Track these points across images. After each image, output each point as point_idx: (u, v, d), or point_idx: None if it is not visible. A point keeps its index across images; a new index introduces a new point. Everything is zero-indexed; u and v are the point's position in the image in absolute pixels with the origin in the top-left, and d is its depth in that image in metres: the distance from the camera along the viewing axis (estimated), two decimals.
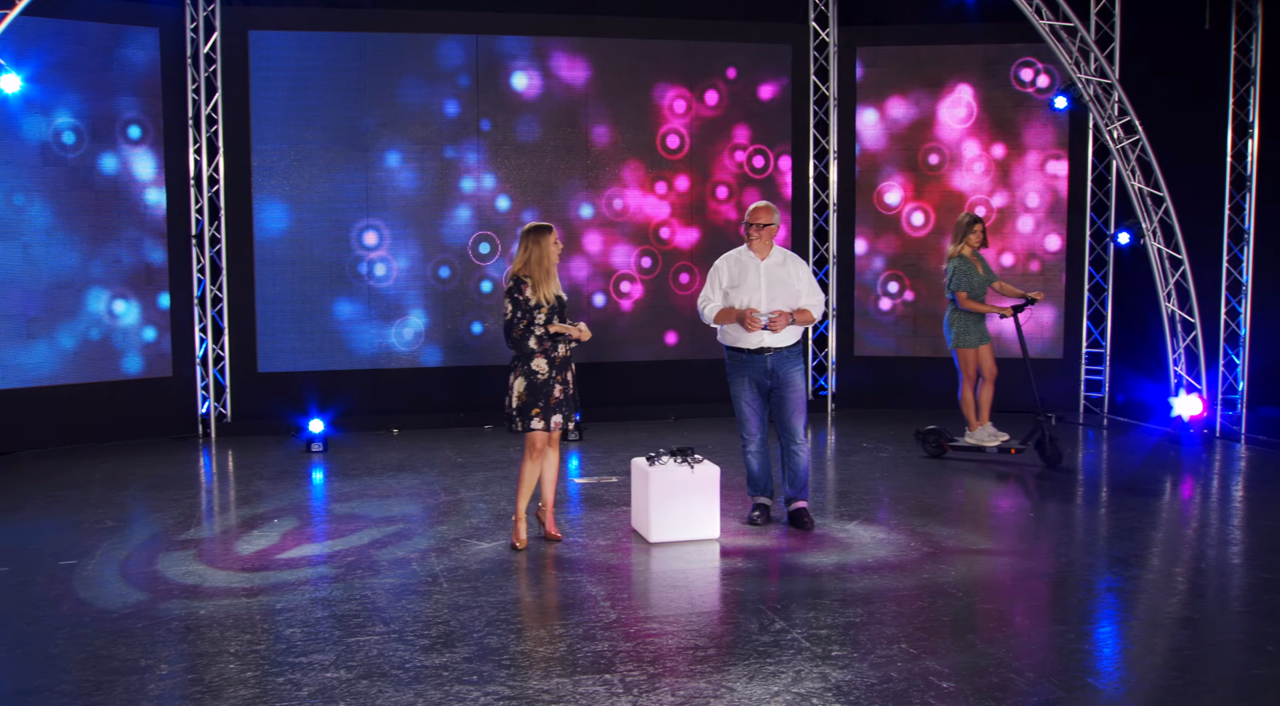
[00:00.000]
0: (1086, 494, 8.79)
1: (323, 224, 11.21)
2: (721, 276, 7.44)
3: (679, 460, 7.17)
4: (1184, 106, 11.16)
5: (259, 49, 10.91)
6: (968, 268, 9.49)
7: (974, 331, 9.63)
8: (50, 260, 10.19)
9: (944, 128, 12.11)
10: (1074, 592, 6.15)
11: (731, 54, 11.97)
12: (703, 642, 5.33)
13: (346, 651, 5.25)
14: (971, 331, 9.62)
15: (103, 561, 6.76)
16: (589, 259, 11.84)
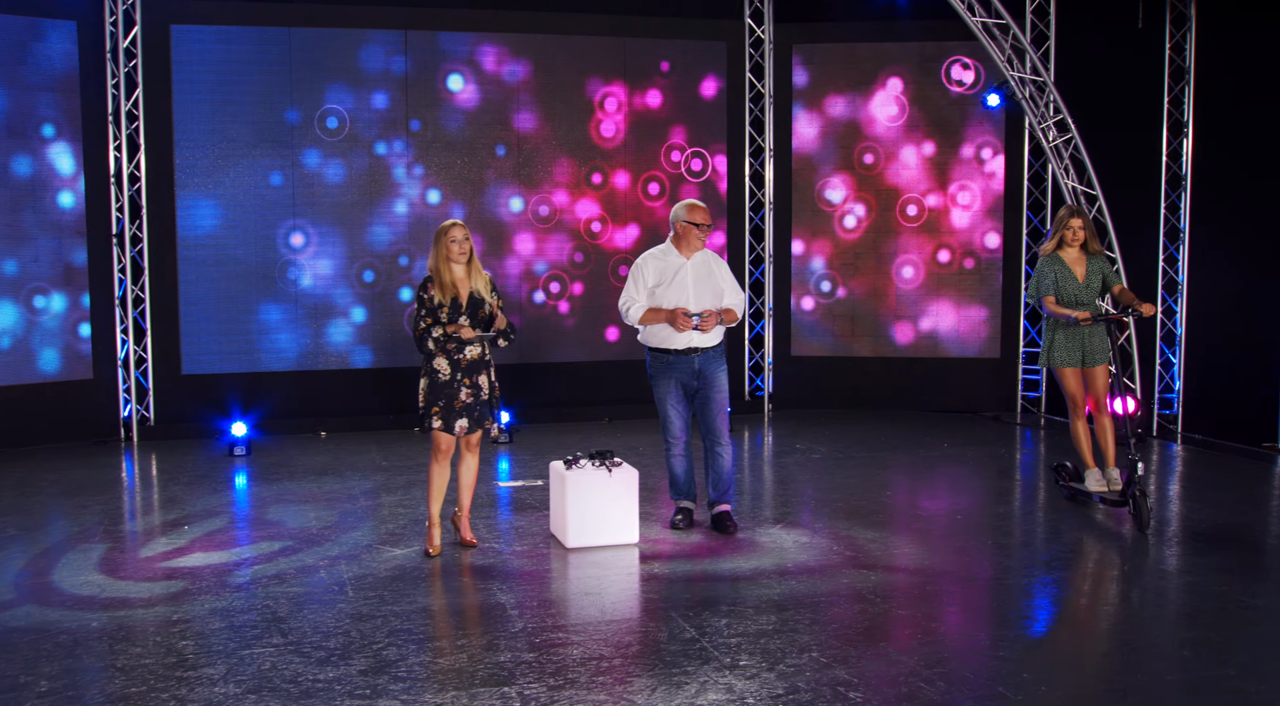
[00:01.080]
0: (1021, 496, 8.74)
1: (248, 223, 10.96)
2: (646, 275, 7.29)
3: (597, 463, 7.02)
4: (1119, 105, 11.15)
5: (181, 43, 10.64)
6: (1049, 268, 7.82)
7: (1064, 346, 7.84)
8: None
9: (880, 125, 12.04)
10: (997, 598, 6.06)
11: (667, 50, 11.83)
12: (608, 652, 5.18)
13: (239, 664, 5.06)
14: (1060, 345, 7.85)
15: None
16: (522, 257, 11.65)
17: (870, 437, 10.69)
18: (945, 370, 12.10)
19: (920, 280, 12.08)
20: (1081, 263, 7.83)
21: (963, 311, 12.06)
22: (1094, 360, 7.81)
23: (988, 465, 9.60)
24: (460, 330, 6.55)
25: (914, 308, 12.10)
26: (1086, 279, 7.80)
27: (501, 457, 9.92)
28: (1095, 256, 7.82)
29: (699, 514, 7.55)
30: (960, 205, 11.99)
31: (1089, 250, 7.80)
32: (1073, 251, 7.83)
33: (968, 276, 12.03)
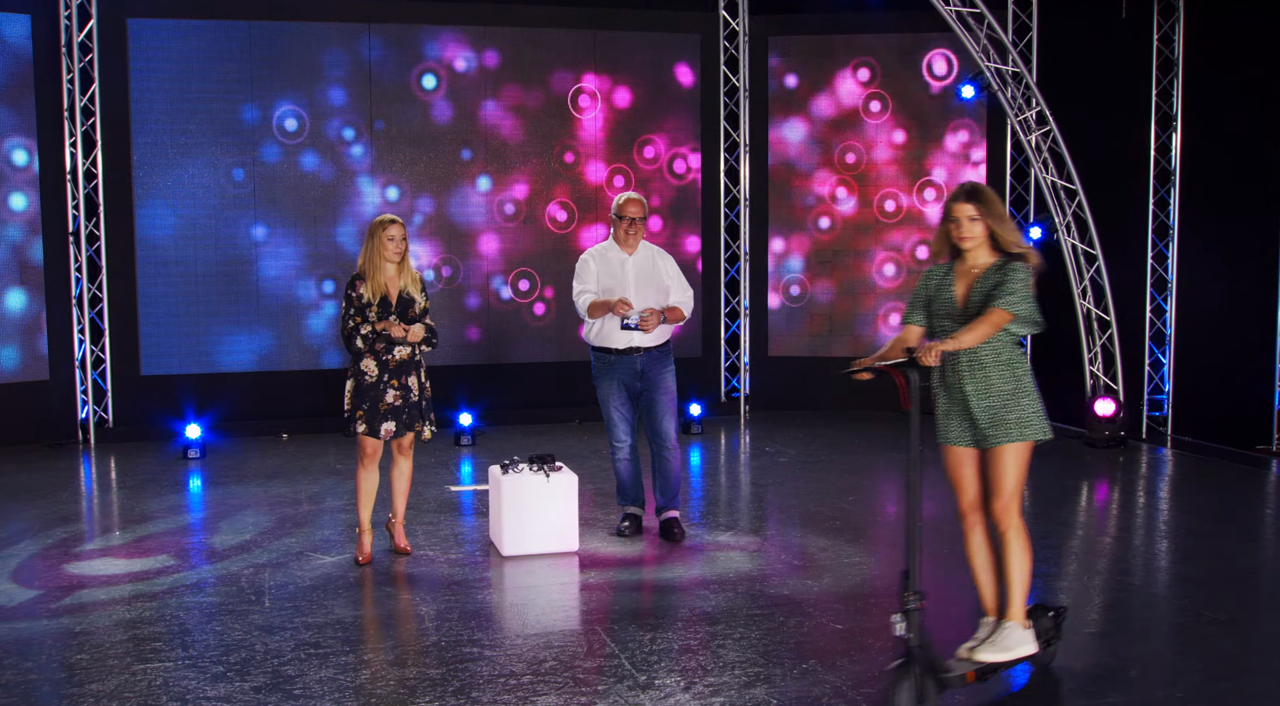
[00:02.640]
0: None
1: (208, 221, 10.72)
2: (589, 269, 7.03)
3: (535, 468, 6.75)
4: (1105, 98, 10.82)
5: (138, 37, 10.41)
6: (921, 283, 5.17)
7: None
8: None
9: (858, 119, 11.73)
10: (938, 613, 5.75)
11: (638, 43, 11.55)
12: (520, 669, 4.91)
13: (130, 680, 4.81)
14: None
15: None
16: (489, 256, 11.39)
17: (844, 440, 10.39)
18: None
19: (901, 279, 11.77)
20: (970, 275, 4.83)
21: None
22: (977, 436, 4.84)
23: None
24: (390, 328, 6.29)
25: (893, 306, 11.79)
26: (967, 299, 4.82)
27: (464, 461, 9.67)
28: (998, 264, 4.75)
29: (649, 520, 7.27)
30: (940, 201, 11.68)
31: (1000, 247, 4.76)
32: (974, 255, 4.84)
33: None
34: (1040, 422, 4.70)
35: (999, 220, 4.76)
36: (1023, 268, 4.68)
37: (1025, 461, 4.69)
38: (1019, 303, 4.59)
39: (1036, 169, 10.16)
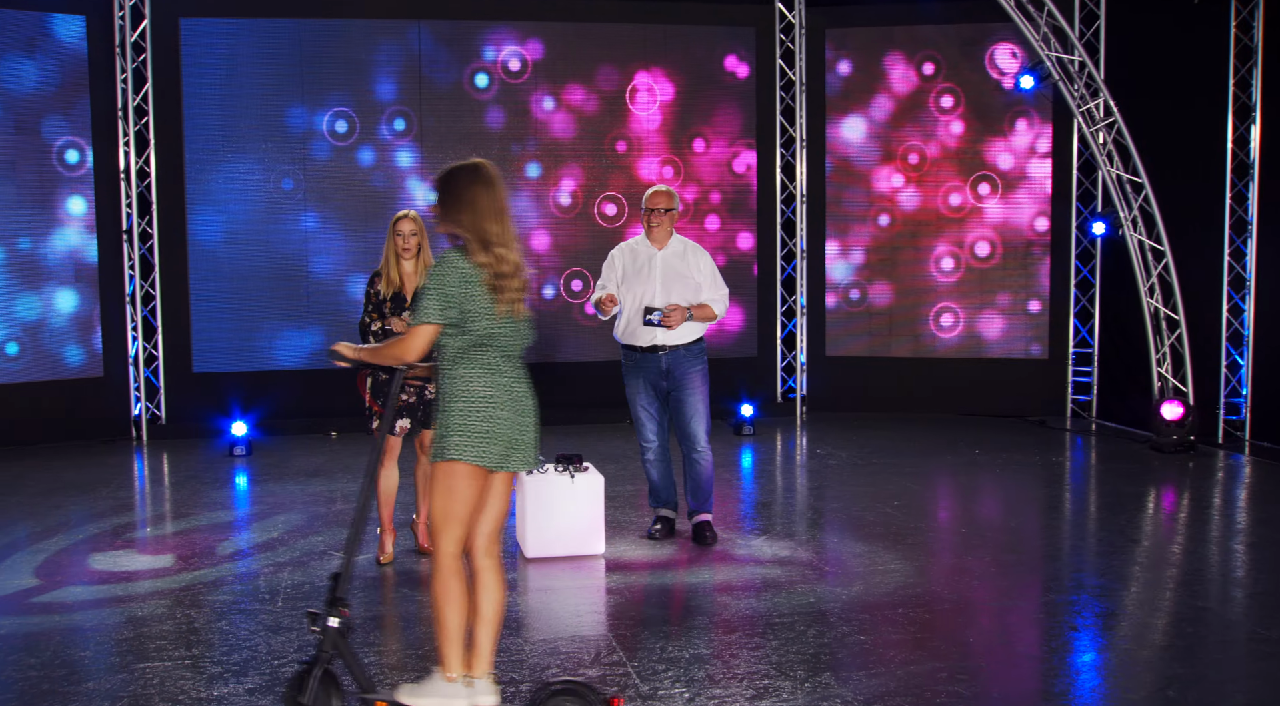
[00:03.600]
0: (1042, 509, 8.10)
1: (260, 218, 10.75)
2: (615, 266, 6.85)
3: (560, 468, 6.58)
4: (1178, 88, 10.32)
5: (190, 37, 10.48)
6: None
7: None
8: None
9: (918, 112, 11.38)
10: (969, 626, 5.47)
11: (692, 36, 11.34)
12: (520, 675, 4.74)
13: (129, 679, 4.74)
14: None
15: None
16: (541, 254, 11.27)
17: (898, 443, 10.07)
18: (989, 371, 11.40)
19: (962, 276, 11.40)
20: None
21: (1008, 309, 11.35)
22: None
23: (1018, 474, 8.93)
24: (394, 323, 6.19)
25: (955, 305, 11.43)
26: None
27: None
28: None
29: (683, 523, 7.06)
30: (1005, 196, 11.28)
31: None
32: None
33: (1013, 272, 11.31)
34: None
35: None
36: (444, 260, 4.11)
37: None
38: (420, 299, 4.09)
39: (1100, 162, 9.74)
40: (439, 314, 4.02)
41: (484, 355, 4.07)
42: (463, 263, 4.06)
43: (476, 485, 4.07)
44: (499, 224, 4.09)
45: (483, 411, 4.03)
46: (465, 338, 4.06)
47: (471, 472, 4.04)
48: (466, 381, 4.05)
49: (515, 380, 4.14)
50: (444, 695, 4.09)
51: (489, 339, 4.07)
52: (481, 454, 4.02)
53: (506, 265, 4.08)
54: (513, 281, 4.12)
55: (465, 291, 4.04)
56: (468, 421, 4.02)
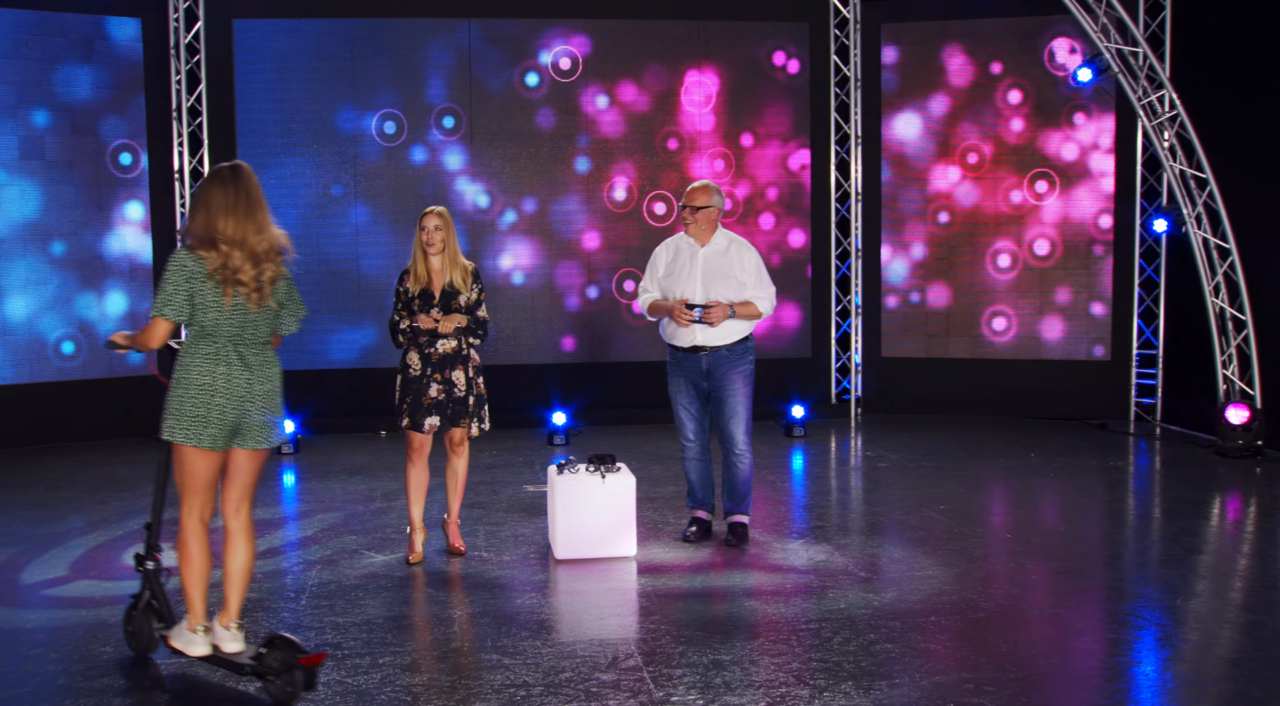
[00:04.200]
0: (1094, 516, 7.84)
1: (311, 218, 10.80)
2: (658, 264, 6.74)
3: (591, 468, 6.48)
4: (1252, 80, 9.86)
5: (243, 38, 10.56)
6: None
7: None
8: (29, 255, 10.00)
9: (975, 107, 11.09)
10: (1002, 638, 5.26)
11: (744, 32, 11.18)
12: (534, 680, 4.65)
13: (142, 674, 4.76)
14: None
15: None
16: (592, 252, 11.19)
17: (952, 445, 9.83)
18: (1049, 373, 11.08)
19: (1021, 276, 11.11)
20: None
21: (1068, 309, 11.03)
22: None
23: (1073, 479, 8.65)
24: (420, 321, 6.14)
25: (1015, 305, 11.14)
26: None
27: (556, 460, 9.45)
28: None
29: (719, 524, 6.93)
30: (1065, 193, 10.96)
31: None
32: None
33: (1074, 272, 10.99)
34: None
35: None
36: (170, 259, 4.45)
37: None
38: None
39: (1163, 157, 9.42)
40: (162, 308, 4.38)
41: (210, 345, 4.41)
42: (188, 259, 4.38)
43: (204, 462, 4.47)
44: (234, 220, 4.41)
45: (198, 398, 4.38)
46: (194, 328, 4.43)
47: (195, 452, 4.44)
48: (187, 370, 4.41)
49: (242, 367, 4.45)
50: (187, 641, 4.63)
51: (216, 329, 4.40)
52: (198, 437, 4.39)
53: (235, 260, 4.38)
54: (244, 274, 4.42)
55: (191, 286, 4.37)
56: (184, 407, 4.40)
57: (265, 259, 4.49)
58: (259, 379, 4.50)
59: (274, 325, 4.64)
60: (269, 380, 4.56)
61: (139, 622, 4.90)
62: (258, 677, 4.46)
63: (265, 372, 4.55)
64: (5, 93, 9.80)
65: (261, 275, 4.48)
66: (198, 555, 4.57)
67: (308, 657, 4.33)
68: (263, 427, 4.54)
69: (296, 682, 4.33)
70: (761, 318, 6.65)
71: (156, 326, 4.42)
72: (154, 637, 4.84)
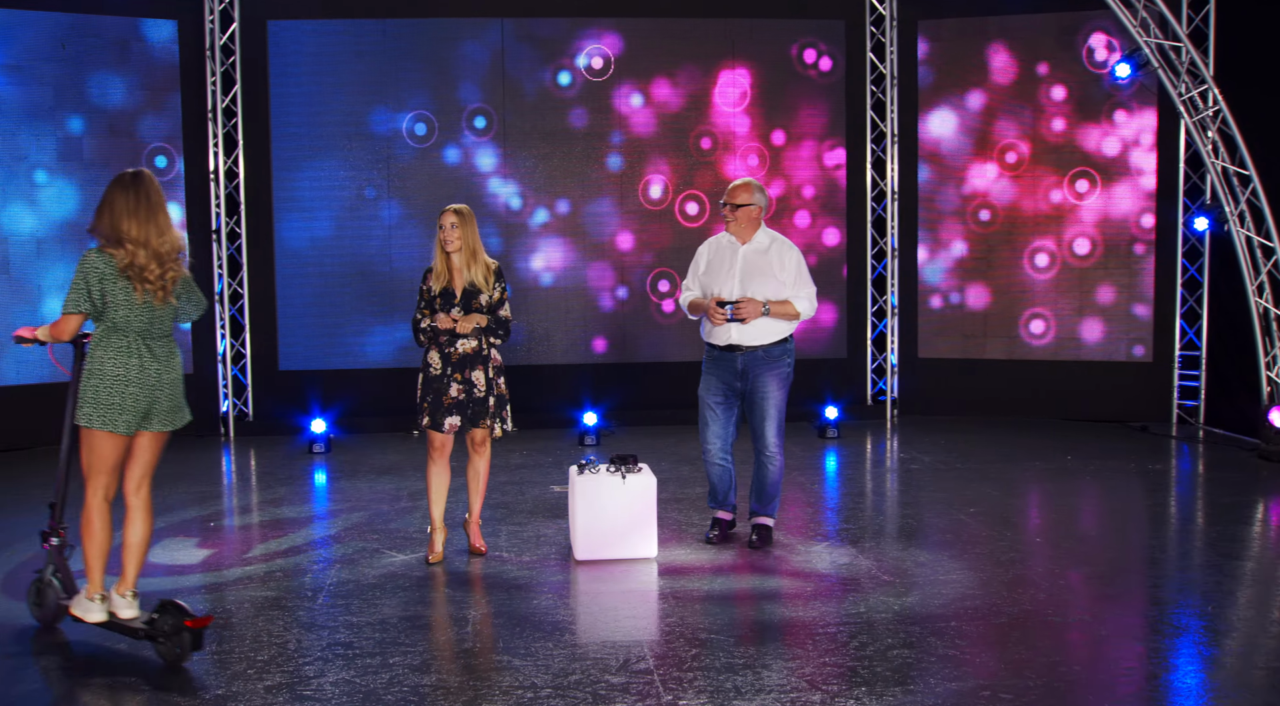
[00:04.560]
0: (1127, 520, 7.67)
1: (345, 218, 10.86)
2: (699, 262, 6.68)
3: (612, 469, 6.43)
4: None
5: (277, 39, 10.63)
6: None
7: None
8: (67, 255, 10.11)
9: (1014, 103, 10.92)
10: (1020, 644, 5.14)
11: (778, 29, 11.09)
12: (542, 681, 4.60)
13: (152, 672, 4.74)
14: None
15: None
16: (627, 253, 11.14)
17: (987, 447, 9.68)
18: (1089, 374, 10.89)
19: (1062, 275, 10.92)
20: None
21: (1109, 309, 10.83)
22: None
23: (1110, 482, 8.47)
24: (439, 320, 6.12)
25: (1053, 305, 10.96)
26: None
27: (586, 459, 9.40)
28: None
29: (743, 524, 6.84)
30: (1105, 191, 10.76)
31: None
32: None
33: (1114, 271, 10.79)
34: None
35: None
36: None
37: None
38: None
39: (1204, 154, 9.21)
40: (75, 305, 4.77)
41: (121, 339, 4.79)
42: (98, 259, 4.74)
43: (113, 446, 4.85)
44: (136, 222, 4.74)
45: (112, 387, 4.77)
46: (105, 323, 4.79)
47: (106, 437, 4.82)
48: (101, 362, 4.79)
49: (151, 359, 4.84)
50: (85, 608, 5.01)
51: (126, 324, 4.77)
52: (112, 422, 4.78)
53: (141, 258, 4.72)
54: (150, 273, 4.76)
55: (101, 285, 4.74)
56: (99, 396, 4.78)
57: (168, 259, 4.84)
58: (166, 369, 4.90)
59: (175, 319, 5.00)
60: (174, 370, 4.95)
61: (43, 595, 5.27)
62: (150, 641, 4.81)
63: (171, 363, 4.94)
64: (43, 94, 9.92)
65: (165, 274, 4.82)
66: (100, 530, 4.95)
67: (194, 621, 4.70)
68: (168, 413, 4.97)
69: (185, 644, 4.70)
70: (800, 318, 6.54)
71: (68, 321, 4.84)
72: (59, 607, 5.19)
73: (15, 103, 9.83)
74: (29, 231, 9.97)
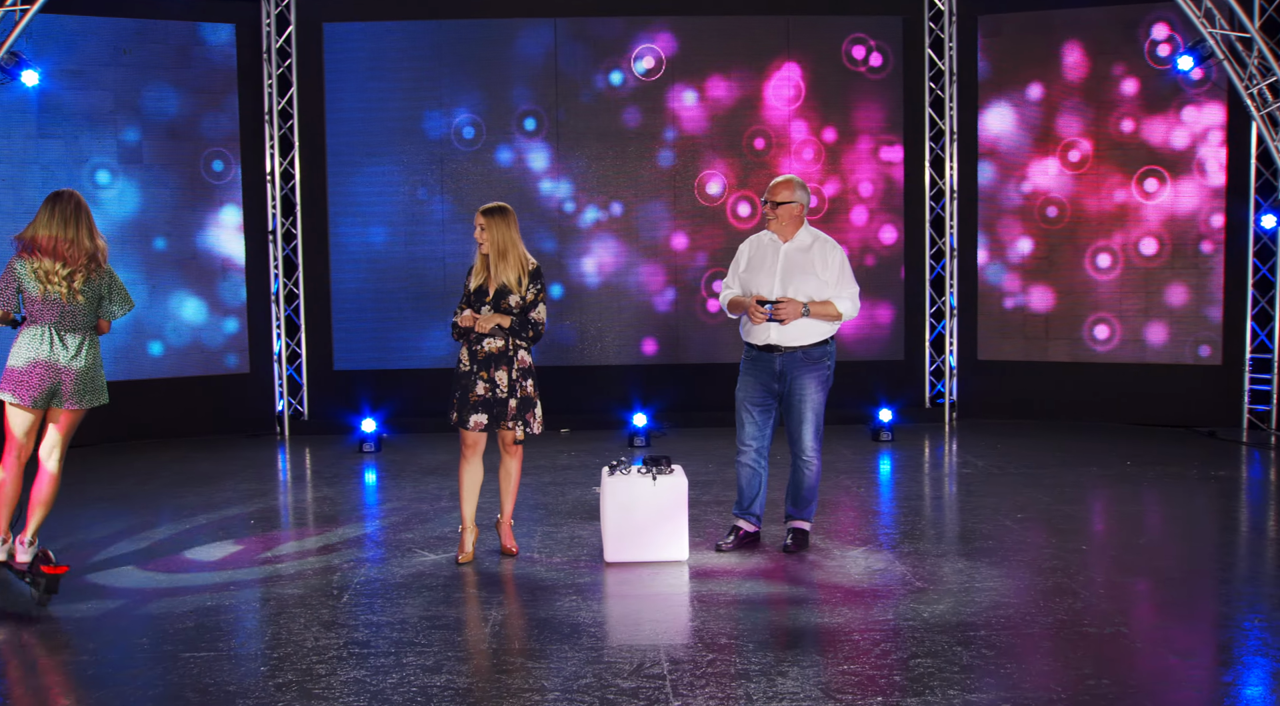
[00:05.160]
0: (1180, 530, 7.40)
1: (398, 218, 10.93)
2: (740, 260, 6.57)
3: (644, 470, 6.35)
4: None
5: (333, 41, 10.73)
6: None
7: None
8: (129, 256, 10.30)
9: (1077, 100, 10.63)
10: (1056, 652, 4.96)
11: (835, 26, 10.92)
12: (552, 684, 4.54)
13: (166, 669, 4.77)
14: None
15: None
16: (674, 256, 11.05)
17: (1044, 452, 9.43)
18: (1155, 377, 10.56)
19: (1127, 275, 10.61)
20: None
21: (1176, 310, 10.49)
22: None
23: (1168, 488, 8.19)
24: (461, 318, 6.11)
25: (1118, 306, 10.65)
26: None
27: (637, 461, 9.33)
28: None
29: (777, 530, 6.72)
30: (1173, 189, 10.43)
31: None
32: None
33: (1183, 272, 10.45)
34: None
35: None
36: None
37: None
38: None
39: (1273, 148, 8.87)
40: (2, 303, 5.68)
41: (36, 329, 5.65)
42: (16, 263, 5.65)
43: (23, 417, 5.68)
44: (47, 234, 5.64)
45: (25, 368, 5.62)
46: (27, 316, 5.68)
47: (17, 409, 5.67)
48: (19, 347, 5.66)
49: (61, 348, 5.66)
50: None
51: (40, 316, 5.65)
52: (21, 398, 5.62)
53: (46, 264, 5.60)
54: (55, 276, 5.63)
55: (18, 284, 5.65)
56: (12, 375, 5.63)
57: (76, 264, 5.65)
58: (75, 357, 5.68)
59: (96, 315, 5.80)
60: (85, 359, 5.72)
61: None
62: (28, 581, 5.63)
63: (81, 352, 5.71)
64: (104, 98, 10.13)
65: (72, 278, 5.65)
66: (10, 485, 5.72)
67: (50, 567, 5.60)
68: (76, 395, 5.69)
69: (40, 587, 5.59)
70: (842, 319, 6.40)
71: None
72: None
73: (78, 107, 10.04)
74: None
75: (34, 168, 9.94)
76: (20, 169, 9.90)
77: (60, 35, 9.91)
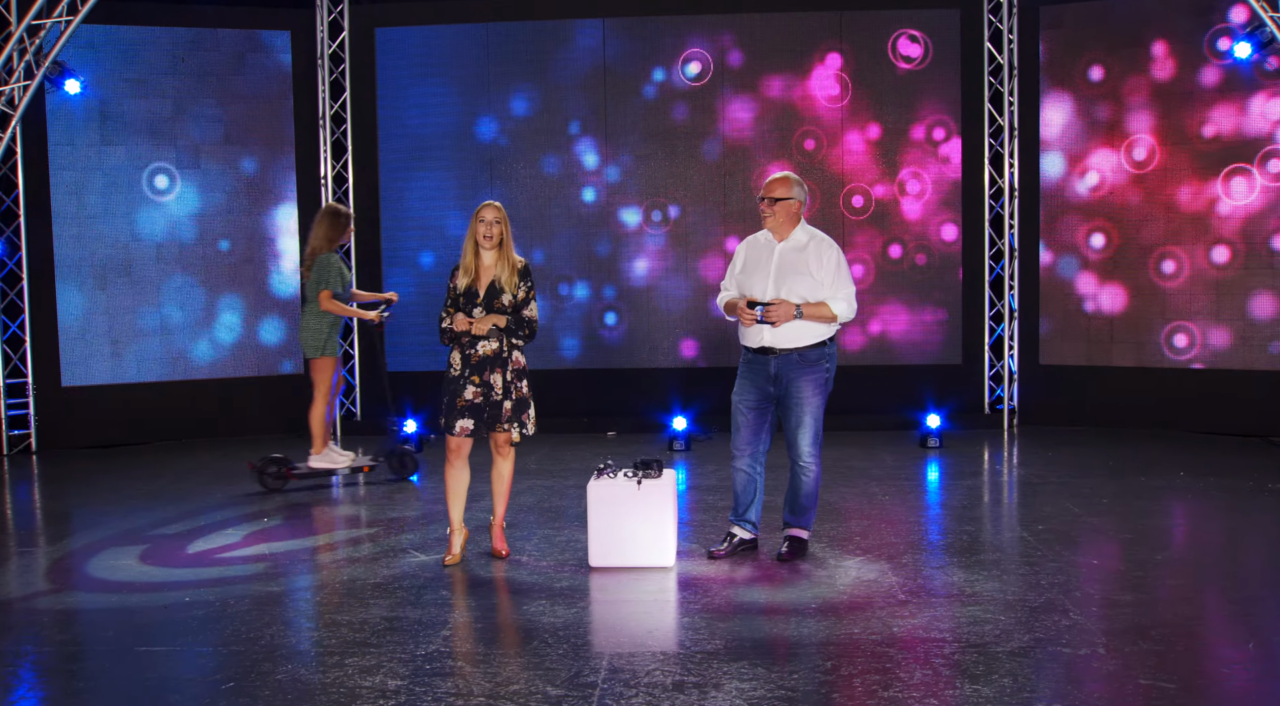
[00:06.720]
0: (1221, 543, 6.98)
1: (450, 221, 11.01)
2: (737, 260, 6.44)
3: (629, 474, 6.24)
4: None
5: (385, 46, 10.87)
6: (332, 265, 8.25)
7: (334, 339, 8.46)
8: (185, 262, 10.58)
9: (1143, 95, 10.15)
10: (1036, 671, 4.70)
11: (889, 20, 10.64)
12: (480, 689, 4.47)
13: (128, 662, 4.85)
14: (333, 338, 8.43)
15: (51, 552, 6.78)
16: (719, 259, 10.90)
17: (1095, 459, 9.02)
18: (1225, 384, 10.02)
19: (1196, 277, 10.09)
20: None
21: (1248, 314, 9.93)
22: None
23: (1217, 500, 7.73)
24: (457, 323, 6.08)
25: (1187, 310, 10.13)
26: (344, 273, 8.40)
27: (678, 466, 9.24)
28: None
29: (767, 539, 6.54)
30: (1250, 186, 9.87)
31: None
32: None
33: (1256, 272, 9.89)
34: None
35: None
36: None
37: None
38: None
39: None
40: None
41: None
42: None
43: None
44: None
45: None
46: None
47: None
48: None
49: None
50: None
51: None
52: None
53: None
54: None
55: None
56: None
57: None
58: None
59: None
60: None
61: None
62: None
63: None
64: (162, 106, 10.43)
65: None
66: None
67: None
68: None
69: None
70: (837, 321, 6.22)
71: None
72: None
73: (139, 114, 10.35)
74: (149, 236, 10.48)
75: (96, 174, 10.28)
76: (83, 175, 10.25)
77: (121, 45, 10.24)
